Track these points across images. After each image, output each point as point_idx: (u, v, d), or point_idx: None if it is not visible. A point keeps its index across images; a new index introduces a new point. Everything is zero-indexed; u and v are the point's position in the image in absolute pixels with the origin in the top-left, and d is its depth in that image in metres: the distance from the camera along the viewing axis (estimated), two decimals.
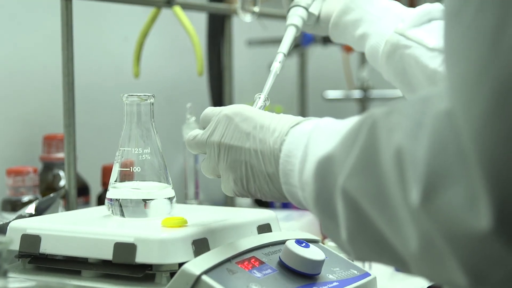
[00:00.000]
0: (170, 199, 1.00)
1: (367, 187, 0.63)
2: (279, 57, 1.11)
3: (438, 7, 1.06)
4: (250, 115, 0.85)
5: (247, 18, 1.35)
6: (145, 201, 0.98)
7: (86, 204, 1.46)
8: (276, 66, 1.10)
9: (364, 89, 2.16)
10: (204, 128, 0.89)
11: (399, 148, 0.59)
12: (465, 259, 0.55)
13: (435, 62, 1.02)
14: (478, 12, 0.53)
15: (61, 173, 1.42)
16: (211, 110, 0.90)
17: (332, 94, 2.19)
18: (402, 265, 0.65)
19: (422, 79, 1.04)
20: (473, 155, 0.53)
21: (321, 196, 0.72)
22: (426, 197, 0.56)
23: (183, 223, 0.92)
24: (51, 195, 1.22)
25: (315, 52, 2.17)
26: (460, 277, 0.57)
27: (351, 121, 0.70)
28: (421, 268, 0.62)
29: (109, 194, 1.00)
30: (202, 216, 1.01)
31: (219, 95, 1.75)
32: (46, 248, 0.93)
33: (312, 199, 0.73)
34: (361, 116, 0.68)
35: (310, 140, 0.77)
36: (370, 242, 0.66)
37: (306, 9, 1.14)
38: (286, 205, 1.56)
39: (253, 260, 0.90)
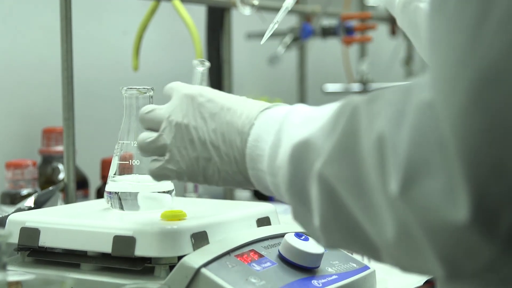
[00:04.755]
0: (169, 192, 1.00)
1: (345, 172, 0.63)
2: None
3: None
4: (215, 96, 0.83)
5: (247, 11, 1.35)
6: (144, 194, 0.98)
7: (85, 197, 1.46)
8: (289, 2, 1.05)
9: (364, 82, 2.15)
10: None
11: (381, 134, 0.58)
12: (441, 249, 0.55)
13: None
14: (460, 3, 0.53)
15: (60, 166, 1.42)
16: (175, 84, 0.87)
17: (332, 87, 2.19)
18: (373, 254, 0.65)
19: None
20: (453, 146, 0.52)
21: (295, 180, 0.70)
22: (405, 186, 0.56)
23: (182, 216, 0.92)
24: (50, 188, 1.22)
25: (315, 45, 2.17)
26: (436, 268, 0.57)
27: (329, 108, 0.69)
28: (395, 257, 0.62)
29: (108, 187, 1.00)
30: (201, 209, 1.01)
31: (218, 87, 1.75)
32: (45, 241, 0.93)
33: (285, 183, 0.72)
34: (340, 102, 0.68)
35: (284, 126, 0.75)
36: (343, 229, 0.65)
37: None
38: None
39: (252, 253, 0.90)
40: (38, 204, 1.17)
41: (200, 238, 0.89)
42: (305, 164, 0.69)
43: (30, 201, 1.16)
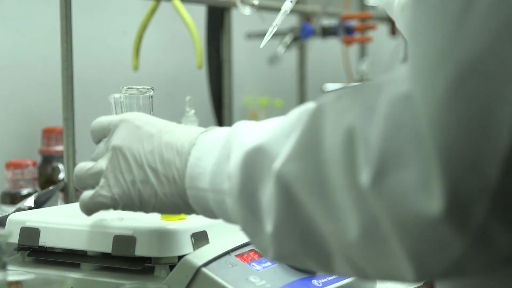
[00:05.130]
0: None
1: (305, 172, 0.62)
2: None
3: None
4: (153, 120, 0.80)
5: (247, 11, 1.35)
6: None
7: None
8: (287, 5, 1.04)
9: (364, 82, 2.15)
10: (97, 143, 0.83)
11: (350, 129, 0.57)
12: (411, 244, 0.55)
13: None
14: None
15: (60, 166, 1.42)
16: (100, 120, 0.84)
17: (332, 87, 2.19)
18: (326, 264, 0.64)
19: None
20: (430, 138, 0.52)
21: (246, 188, 0.68)
22: (377, 178, 0.55)
23: (182, 216, 0.92)
24: (50, 188, 1.22)
25: (315, 45, 2.17)
26: (403, 266, 0.56)
27: (282, 117, 0.68)
28: (355, 260, 0.60)
29: None
30: None
31: (218, 88, 1.75)
32: (45, 240, 0.93)
33: (235, 192, 0.69)
34: (295, 109, 0.67)
35: (231, 140, 0.72)
36: (298, 234, 0.64)
37: None
38: None
39: (253, 253, 0.90)
40: (38, 204, 1.17)
41: (200, 238, 0.89)
42: (258, 170, 0.67)
43: (30, 201, 1.16)
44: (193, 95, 1.30)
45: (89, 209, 0.81)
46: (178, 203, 0.77)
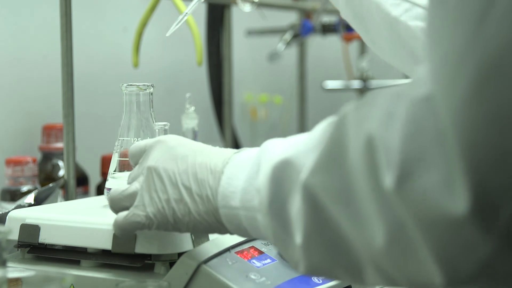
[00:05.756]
0: None
1: (331, 181, 0.62)
2: None
3: None
4: (187, 142, 0.81)
5: (247, 8, 1.35)
6: None
7: (85, 194, 1.46)
8: None
9: (364, 79, 2.15)
10: (135, 165, 0.83)
11: (370, 136, 0.58)
12: (437, 246, 0.55)
13: (397, 10, 0.99)
14: None
15: (60, 163, 1.42)
16: (137, 144, 0.84)
17: (332, 84, 2.19)
18: (356, 274, 0.64)
19: (383, 27, 1.01)
20: (452, 139, 0.52)
21: (275, 200, 0.69)
22: (401, 181, 0.55)
23: None
24: (50, 185, 1.22)
25: (315, 42, 2.17)
26: (432, 270, 0.56)
27: (311, 132, 0.69)
28: (384, 267, 0.61)
29: (108, 184, 1.00)
30: None
31: (218, 85, 1.75)
32: (45, 237, 0.93)
33: (265, 205, 0.70)
34: (322, 122, 0.67)
35: (261, 157, 0.73)
36: (326, 244, 0.64)
37: None
38: None
39: (252, 250, 0.90)
40: (38, 201, 1.17)
41: (200, 235, 0.89)
42: (286, 183, 0.68)
43: (30, 198, 1.16)
44: (193, 92, 1.30)
45: (124, 229, 0.81)
46: (211, 221, 0.77)
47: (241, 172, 0.75)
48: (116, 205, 0.82)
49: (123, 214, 0.80)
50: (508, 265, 0.54)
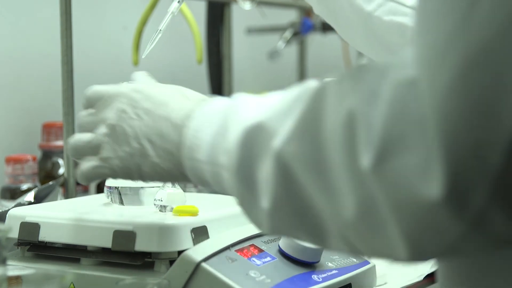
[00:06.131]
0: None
1: (305, 153, 0.62)
2: None
3: None
4: (151, 92, 0.82)
5: (247, 6, 1.35)
6: (144, 189, 0.98)
7: (85, 192, 1.46)
8: (175, 6, 1.06)
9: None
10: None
11: (352, 111, 0.58)
12: (407, 227, 0.55)
13: (370, 6, 0.99)
14: None
15: (60, 161, 1.42)
16: (96, 89, 0.85)
17: None
18: (320, 239, 0.65)
19: (357, 23, 1.01)
20: (433, 124, 0.53)
21: (244, 164, 0.69)
22: (379, 161, 0.55)
23: (195, 212, 0.91)
24: (50, 183, 1.22)
25: (315, 40, 2.17)
26: (398, 247, 0.57)
27: (283, 93, 0.69)
28: (350, 238, 0.61)
29: (108, 182, 1.00)
30: (202, 204, 1.00)
31: (218, 83, 1.75)
32: (45, 236, 0.93)
33: (233, 167, 0.70)
34: (297, 87, 0.67)
35: (230, 113, 0.73)
36: (294, 212, 0.65)
37: None
38: None
39: (253, 248, 0.90)
40: (38, 199, 1.17)
41: (200, 233, 0.89)
42: (257, 148, 0.68)
43: (30, 196, 1.16)
44: (193, 89, 1.30)
45: (88, 178, 0.82)
46: (175, 173, 0.78)
47: (208, 127, 0.75)
48: (79, 154, 0.83)
49: (89, 164, 0.81)
50: (472, 247, 0.55)
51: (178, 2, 1.05)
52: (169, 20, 1.04)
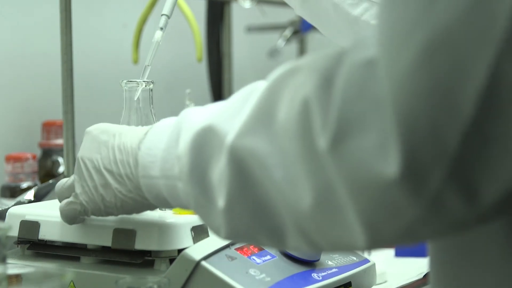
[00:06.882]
0: None
1: (258, 145, 0.62)
2: (163, 21, 1.06)
3: None
4: (109, 128, 0.84)
5: (246, 4, 1.35)
6: None
7: None
8: (159, 34, 1.06)
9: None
10: None
11: (306, 99, 0.57)
12: (364, 209, 0.55)
13: (357, 10, 0.97)
14: None
15: (60, 160, 1.42)
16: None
17: None
18: (278, 238, 0.64)
19: (343, 27, 1.00)
20: (390, 104, 0.52)
21: (196, 167, 0.70)
22: (335, 143, 0.55)
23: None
24: (50, 181, 1.22)
25: (315, 39, 2.17)
26: (356, 233, 0.56)
27: (231, 97, 0.70)
28: (308, 231, 0.61)
29: None
30: None
31: (218, 81, 1.75)
32: (45, 234, 0.93)
33: (186, 172, 0.71)
34: (242, 89, 0.68)
35: (181, 124, 0.74)
36: (250, 209, 0.65)
37: None
38: None
39: (253, 246, 0.90)
40: (38, 197, 1.17)
41: (200, 231, 0.89)
42: (209, 149, 0.68)
43: (30, 194, 1.16)
44: (193, 88, 1.30)
45: (65, 216, 0.86)
46: (137, 198, 0.80)
47: (159, 142, 0.76)
48: (61, 197, 0.88)
49: (64, 201, 0.86)
50: (430, 230, 0.55)
51: (161, 29, 1.04)
52: (155, 51, 1.04)
